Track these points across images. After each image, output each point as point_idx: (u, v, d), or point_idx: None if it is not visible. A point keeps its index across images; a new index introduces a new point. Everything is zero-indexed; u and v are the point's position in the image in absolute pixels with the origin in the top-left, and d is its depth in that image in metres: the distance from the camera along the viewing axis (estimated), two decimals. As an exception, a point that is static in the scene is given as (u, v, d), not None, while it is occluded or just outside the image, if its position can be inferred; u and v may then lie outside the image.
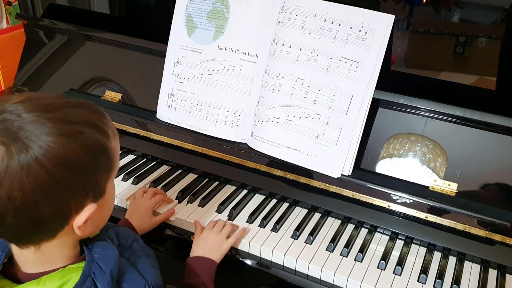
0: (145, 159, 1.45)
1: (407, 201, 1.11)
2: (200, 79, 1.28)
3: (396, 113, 1.15)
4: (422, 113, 1.12)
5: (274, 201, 1.29)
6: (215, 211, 1.23)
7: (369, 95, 1.10)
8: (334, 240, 1.14)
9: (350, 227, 1.20)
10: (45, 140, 0.62)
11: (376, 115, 1.16)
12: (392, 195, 1.12)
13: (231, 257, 1.12)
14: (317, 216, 1.23)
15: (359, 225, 1.20)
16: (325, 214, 1.24)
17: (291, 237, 1.15)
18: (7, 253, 0.72)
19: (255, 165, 1.26)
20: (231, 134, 1.27)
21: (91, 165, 0.68)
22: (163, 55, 1.33)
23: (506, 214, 1.03)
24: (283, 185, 1.26)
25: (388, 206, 1.13)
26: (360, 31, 1.09)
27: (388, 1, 1.15)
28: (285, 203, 1.28)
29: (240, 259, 1.13)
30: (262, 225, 1.18)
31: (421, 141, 1.13)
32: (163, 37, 1.33)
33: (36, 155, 0.61)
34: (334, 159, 1.14)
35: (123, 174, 1.36)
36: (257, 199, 1.29)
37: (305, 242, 1.14)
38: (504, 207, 1.05)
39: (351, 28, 1.10)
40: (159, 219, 1.19)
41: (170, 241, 1.21)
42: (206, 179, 1.36)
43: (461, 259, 1.11)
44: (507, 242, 1.05)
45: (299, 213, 1.25)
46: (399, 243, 1.16)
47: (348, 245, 1.13)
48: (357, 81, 1.10)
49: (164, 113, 1.35)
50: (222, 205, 1.24)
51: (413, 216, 1.12)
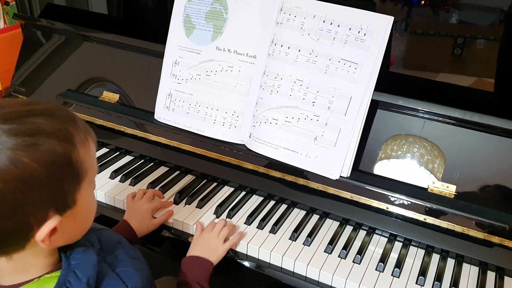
0: (143, 160, 1.44)
1: (406, 203, 1.11)
2: (198, 80, 1.28)
3: (395, 114, 1.15)
4: (421, 114, 1.12)
5: (272, 202, 1.28)
6: (213, 213, 1.23)
7: (368, 96, 1.10)
8: (333, 242, 1.14)
9: (349, 229, 1.20)
10: None
11: (374, 117, 1.16)
12: (390, 197, 1.12)
13: (229, 259, 1.12)
14: (315, 217, 1.23)
15: (357, 227, 1.20)
16: (324, 216, 1.23)
17: (289, 238, 1.15)
18: None
19: (253, 167, 1.26)
20: (229, 135, 1.26)
21: (49, 179, 0.64)
22: (161, 55, 1.33)
23: (505, 216, 1.03)
24: (282, 187, 1.25)
25: (387, 208, 1.13)
26: (359, 32, 1.09)
27: (387, 2, 1.15)
28: (283, 204, 1.27)
29: (238, 260, 1.12)
30: (260, 226, 1.18)
31: (419, 142, 1.13)
32: (161, 37, 1.33)
33: None
34: (333, 160, 1.14)
35: (121, 175, 1.35)
36: (255, 200, 1.29)
37: (303, 243, 1.14)
38: (502, 209, 1.05)
39: (350, 30, 1.10)
40: (159, 220, 1.18)
41: (167, 242, 1.20)
42: (204, 181, 1.35)
43: (459, 261, 1.11)
44: (505, 244, 1.05)
45: (297, 214, 1.24)
46: (398, 245, 1.16)
47: (347, 247, 1.12)
48: (356, 83, 1.10)
49: (162, 114, 1.34)
50: (220, 206, 1.24)
51: (412, 218, 1.12)
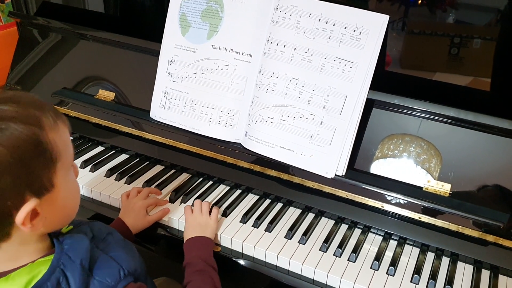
0: (138, 159, 1.44)
1: (401, 201, 1.11)
2: (194, 78, 1.28)
3: (391, 113, 1.15)
4: (417, 113, 1.12)
5: (268, 201, 1.28)
6: (209, 211, 1.23)
7: (363, 95, 1.10)
8: (328, 240, 1.14)
9: (344, 227, 1.20)
10: None
11: (370, 116, 1.16)
12: (385, 196, 1.12)
13: (224, 257, 1.12)
14: (310, 216, 1.23)
15: (352, 225, 1.20)
16: (319, 214, 1.23)
17: (285, 237, 1.15)
18: None
19: (249, 165, 1.26)
20: (225, 134, 1.26)
21: (17, 162, 0.65)
22: (157, 54, 1.32)
23: (500, 215, 1.03)
24: (277, 185, 1.25)
25: (382, 206, 1.13)
26: (354, 31, 1.09)
27: (383, 1, 1.15)
28: (279, 203, 1.27)
29: (234, 259, 1.13)
30: (256, 225, 1.18)
31: (416, 141, 1.13)
32: (157, 36, 1.32)
33: None
34: (328, 159, 1.14)
35: (116, 173, 1.35)
36: (251, 199, 1.29)
37: (298, 242, 1.14)
38: (497, 208, 1.05)
39: (345, 28, 1.10)
40: (154, 217, 1.18)
41: (163, 241, 1.20)
42: (200, 179, 1.35)
43: (454, 259, 1.12)
44: (500, 243, 1.05)
45: (293, 213, 1.24)
46: (393, 243, 1.16)
47: (342, 245, 1.12)
48: (351, 81, 1.10)
49: (157, 112, 1.34)
50: (216, 205, 1.23)
51: (407, 217, 1.12)
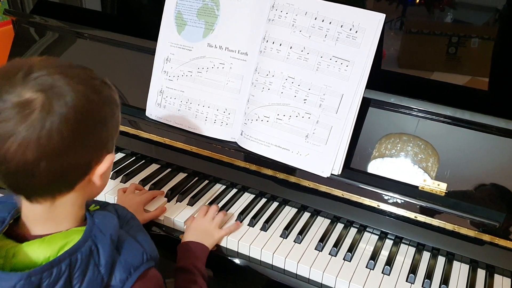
0: (134, 158, 1.44)
1: (397, 200, 1.10)
2: (189, 76, 1.27)
3: (388, 113, 1.14)
4: (414, 113, 1.12)
5: (263, 200, 1.28)
6: (204, 210, 1.22)
7: (359, 94, 1.09)
8: (323, 239, 1.14)
9: (340, 226, 1.20)
10: (73, 94, 0.67)
11: (367, 115, 1.15)
12: (381, 195, 1.11)
13: (219, 256, 1.12)
14: (306, 215, 1.23)
15: (348, 224, 1.20)
16: (315, 214, 1.23)
17: (280, 236, 1.15)
18: (13, 214, 0.75)
19: (245, 164, 1.26)
20: (221, 132, 1.25)
21: (110, 118, 0.74)
22: (152, 52, 1.32)
23: (495, 215, 1.03)
24: (273, 184, 1.25)
25: (378, 205, 1.13)
26: (350, 29, 1.09)
27: (380, 0, 1.15)
28: (274, 202, 1.27)
29: (229, 258, 1.12)
30: (252, 224, 1.18)
31: (413, 141, 1.13)
32: (153, 34, 1.32)
33: (69, 104, 0.67)
34: (324, 158, 1.13)
35: (112, 172, 1.34)
36: (247, 198, 1.28)
37: (294, 241, 1.13)
38: (493, 207, 1.05)
39: (341, 27, 1.09)
40: (151, 215, 1.18)
41: (158, 239, 1.19)
42: (196, 178, 1.35)
43: (450, 259, 1.11)
44: (495, 242, 1.05)
45: (288, 212, 1.24)
46: (388, 242, 1.16)
47: (337, 244, 1.12)
48: (347, 80, 1.10)
49: (153, 111, 1.33)
50: (212, 204, 1.23)
51: (403, 216, 1.12)
